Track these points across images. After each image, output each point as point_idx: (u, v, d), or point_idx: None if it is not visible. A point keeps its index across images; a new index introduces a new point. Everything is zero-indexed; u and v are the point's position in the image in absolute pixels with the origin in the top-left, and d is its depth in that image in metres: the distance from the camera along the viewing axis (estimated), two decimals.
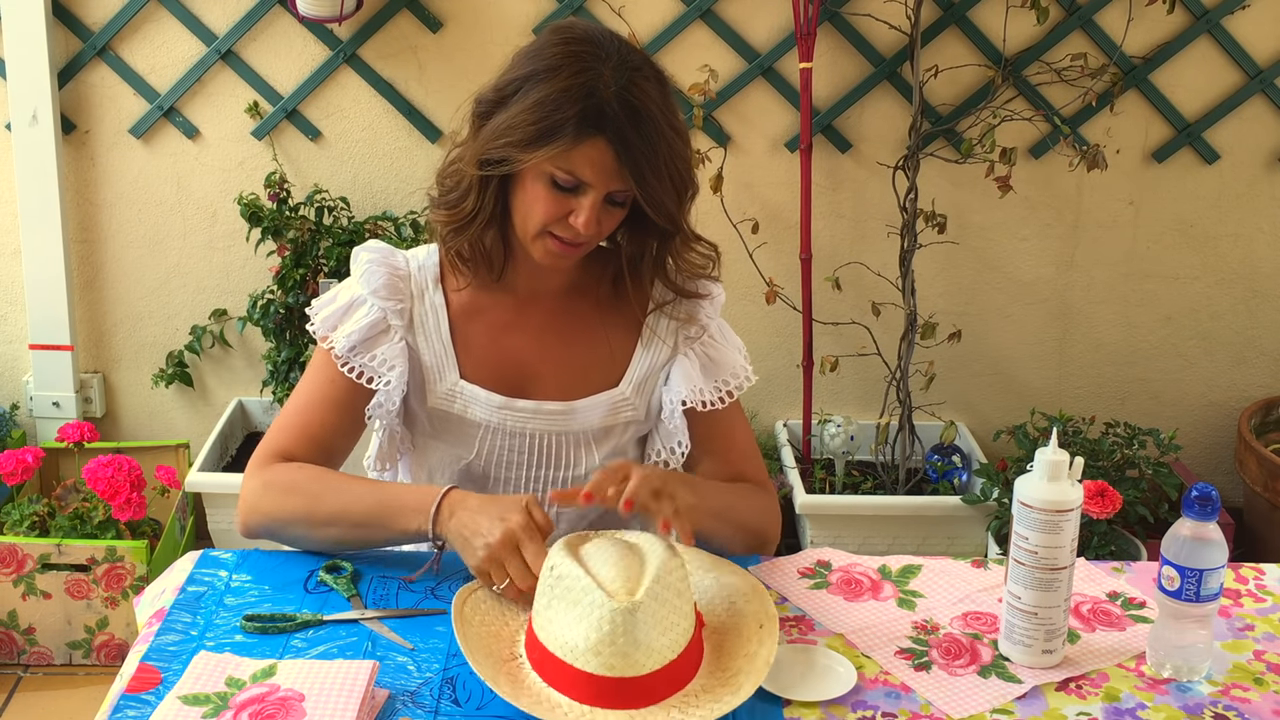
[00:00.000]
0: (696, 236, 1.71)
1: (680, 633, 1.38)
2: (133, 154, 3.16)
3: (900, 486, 3.11)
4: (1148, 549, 2.86)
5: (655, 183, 1.57)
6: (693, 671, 1.39)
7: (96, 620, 2.81)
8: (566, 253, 1.63)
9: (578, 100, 1.53)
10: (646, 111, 1.55)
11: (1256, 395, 3.32)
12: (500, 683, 1.36)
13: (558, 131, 1.53)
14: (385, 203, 3.17)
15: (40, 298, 3.18)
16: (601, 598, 1.34)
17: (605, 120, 1.53)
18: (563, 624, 1.37)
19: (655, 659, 1.35)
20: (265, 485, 1.64)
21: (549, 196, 1.58)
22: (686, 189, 1.63)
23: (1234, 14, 3.03)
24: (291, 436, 1.68)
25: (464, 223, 1.65)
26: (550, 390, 1.73)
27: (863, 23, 3.05)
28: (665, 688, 1.36)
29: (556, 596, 1.38)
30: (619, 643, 1.33)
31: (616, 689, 1.34)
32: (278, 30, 3.08)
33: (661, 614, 1.36)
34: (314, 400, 1.70)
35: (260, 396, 3.28)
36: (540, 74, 1.55)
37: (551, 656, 1.37)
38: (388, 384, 1.67)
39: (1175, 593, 1.42)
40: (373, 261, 1.71)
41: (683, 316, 1.76)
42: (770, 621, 1.45)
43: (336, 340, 1.68)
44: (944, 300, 3.23)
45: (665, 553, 1.41)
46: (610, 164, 1.55)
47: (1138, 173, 3.16)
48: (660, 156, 1.56)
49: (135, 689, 1.39)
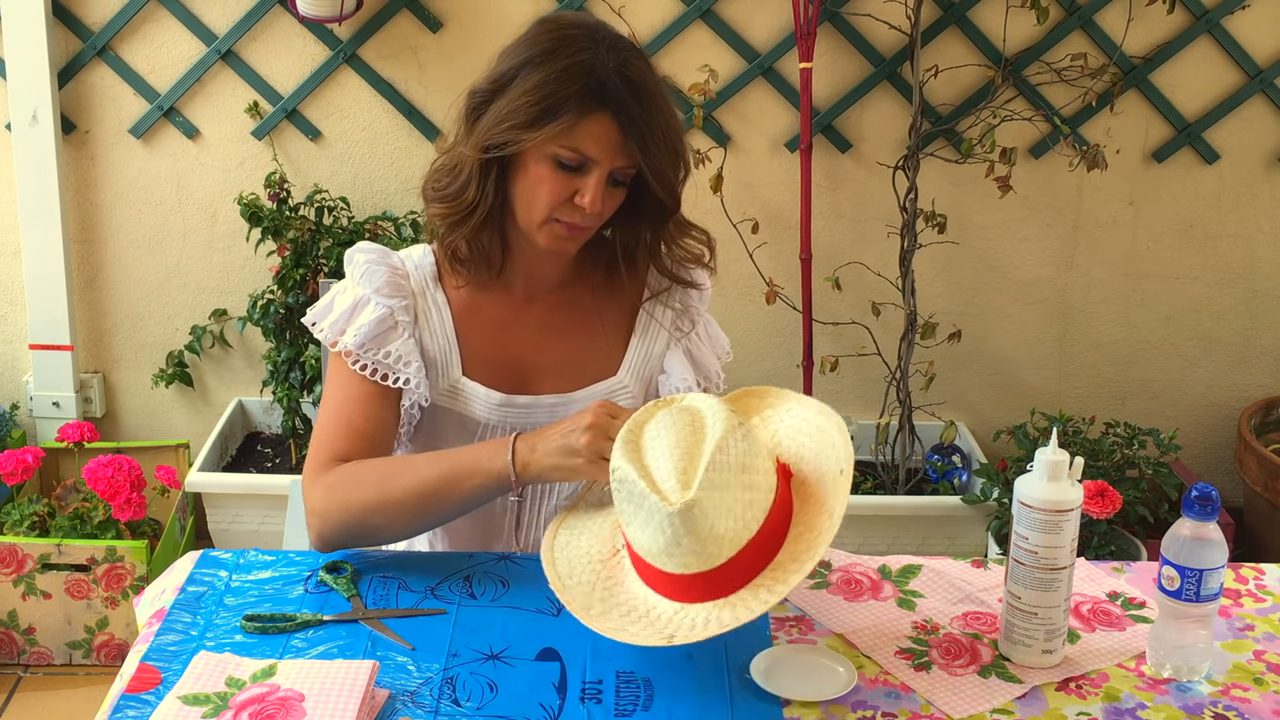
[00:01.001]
0: (690, 223, 1.73)
1: (755, 509, 1.36)
2: (133, 154, 3.16)
3: (900, 486, 3.11)
4: (1148, 549, 2.86)
5: (658, 154, 1.60)
6: (781, 536, 1.39)
7: (96, 620, 2.81)
8: (572, 235, 1.64)
9: (579, 77, 1.55)
10: (645, 85, 1.58)
11: (1256, 395, 3.31)
12: (592, 606, 1.40)
13: (561, 109, 1.55)
14: (385, 203, 3.17)
15: (40, 297, 3.18)
16: (656, 502, 1.34)
17: (608, 94, 1.56)
18: (635, 526, 1.39)
19: (730, 546, 1.35)
20: (329, 489, 1.60)
21: (554, 178, 1.59)
22: (683, 161, 1.66)
23: (1234, 14, 3.03)
24: (338, 438, 1.65)
25: (464, 214, 1.65)
26: (550, 384, 1.74)
27: (863, 23, 3.05)
28: (752, 565, 1.36)
29: (623, 498, 1.39)
30: (684, 543, 1.34)
31: (703, 582, 1.35)
32: (278, 30, 3.08)
33: (724, 500, 1.35)
34: (349, 398, 1.67)
35: (260, 396, 3.28)
36: (537, 58, 1.58)
37: (638, 558, 1.40)
38: (407, 381, 1.67)
39: (1175, 593, 1.42)
40: (371, 262, 1.71)
41: (678, 306, 1.78)
42: (848, 464, 1.42)
43: (346, 340, 1.67)
44: (944, 300, 3.23)
45: (724, 423, 1.39)
46: (615, 138, 1.57)
47: (1138, 173, 3.16)
48: (660, 128, 1.59)
49: (135, 689, 1.39)
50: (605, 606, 1.41)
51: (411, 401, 1.69)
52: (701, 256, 1.76)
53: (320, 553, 1.62)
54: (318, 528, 1.60)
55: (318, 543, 1.61)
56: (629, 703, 1.37)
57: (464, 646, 1.46)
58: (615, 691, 1.39)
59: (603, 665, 1.43)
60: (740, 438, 1.38)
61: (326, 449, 1.64)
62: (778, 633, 1.51)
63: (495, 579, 1.60)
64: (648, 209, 1.67)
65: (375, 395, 1.67)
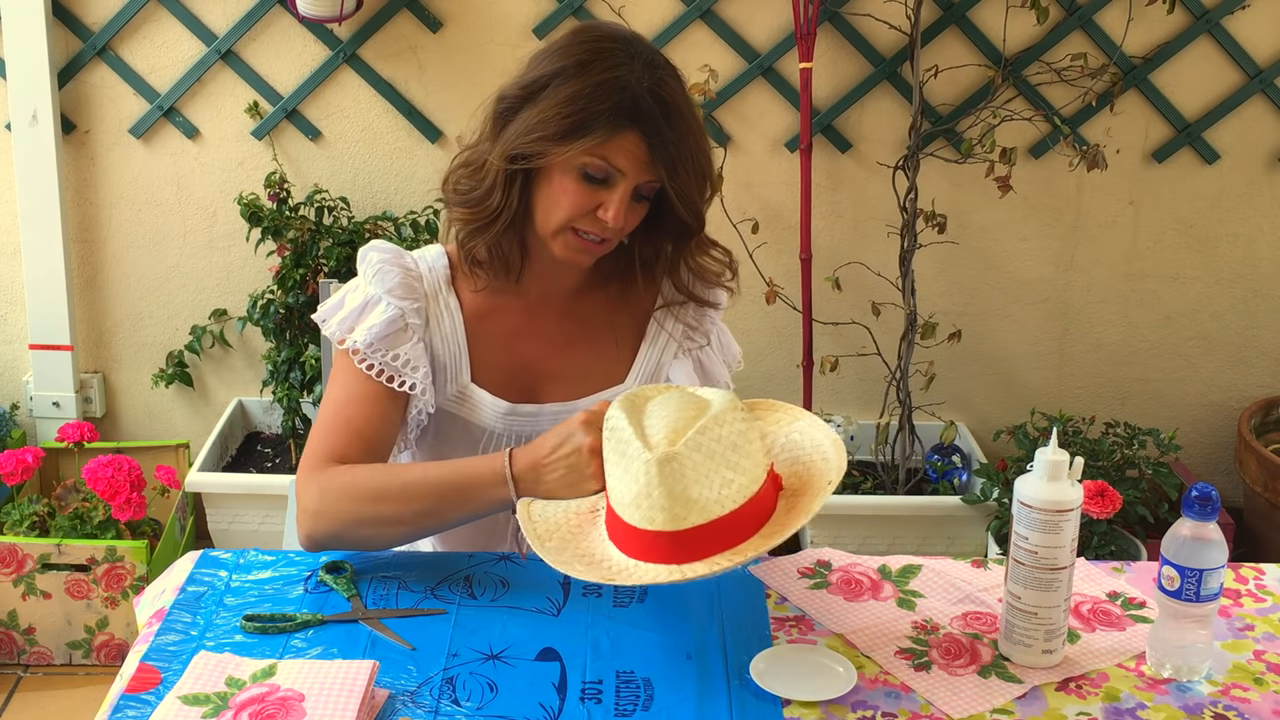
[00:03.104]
0: (712, 241, 1.72)
1: (733, 489, 1.36)
2: (133, 154, 3.16)
3: (900, 486, 3.11)
4: (1148, 549, 2.86)
5: (685, 176, 1.59)
6: (752, 530, 1.38)
7: (96, 620, 2.81)
8: (588, 249, 1.63)
9: (612, 94, 1.55)
10: (677, 107, 1.58)
11: (1256, 395, 3.32)
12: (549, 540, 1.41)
13: (592, 124, 1.55)
14: (385, 203, 3.17)
15: (40, 298, 3.18)
16: (638, 448, 1.34)
17: (640, 114, 1.55)
18: (615, 477, 1.39)
19: (698, 513, 1.34)
20: (322, 491, 1.58)
21: (578, 189, 1.59)
22: (710, 183, 1.65)
23: (1234, 14, 3.03)
24: (336, 436, 1.63)
25: (487, 221, 1.64)
26: (558, 392, 1.73)
27: (863, 23, 3.05)
28: (715, 542, 1.35)
29: (611, 447, 1.39)
30: (654, 495, 1.33)
31: (664, 543, 1.35)
32: (278, 30, 3.08)
33: (706, 467, 1.34)
34: (351, 397, 1.65)
35: (260, 396, 3.28)
36: (570, 69, 1.57)
37: (610, 511, 1.40)
38: (413, 386, 1.66)
39: (1175, 593, 1.42)
40: (385, 262, 1.69)
41: (691, 321, 1.77)
42: (837, 476, 1.42)
43: (356, 338, 1.66)
44: (944, 300, 3.23)
45: (727, 406, 1.38)
46: (644, 156, 1.57)
47: (1138, 173, 3.16)
48: (689, 150, 1.59)
49: (135, 689, 1.39)
50: (561, 545, 1.42)
51: (418, 409, 1.68)
52: (721, 275, 1.75)
53: (308, 551, 1.62)
54: (307, 528, 1.59)
55: (306, 542, 1.60)
56: (629, 703, 1.37)
57: (464, 646, 1.46)
58: (615, 691, 1.39)
59: (603, 665, 1.43)
60: (740, 420, 1.38)
61: (323, 446, 1.63)
62: (778, 633, 1.51)
63: (495, 579, 1.60)
64: (669, 225, 1.67)
65: (378, 396, 1.66)
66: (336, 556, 1.63)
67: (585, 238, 1.62)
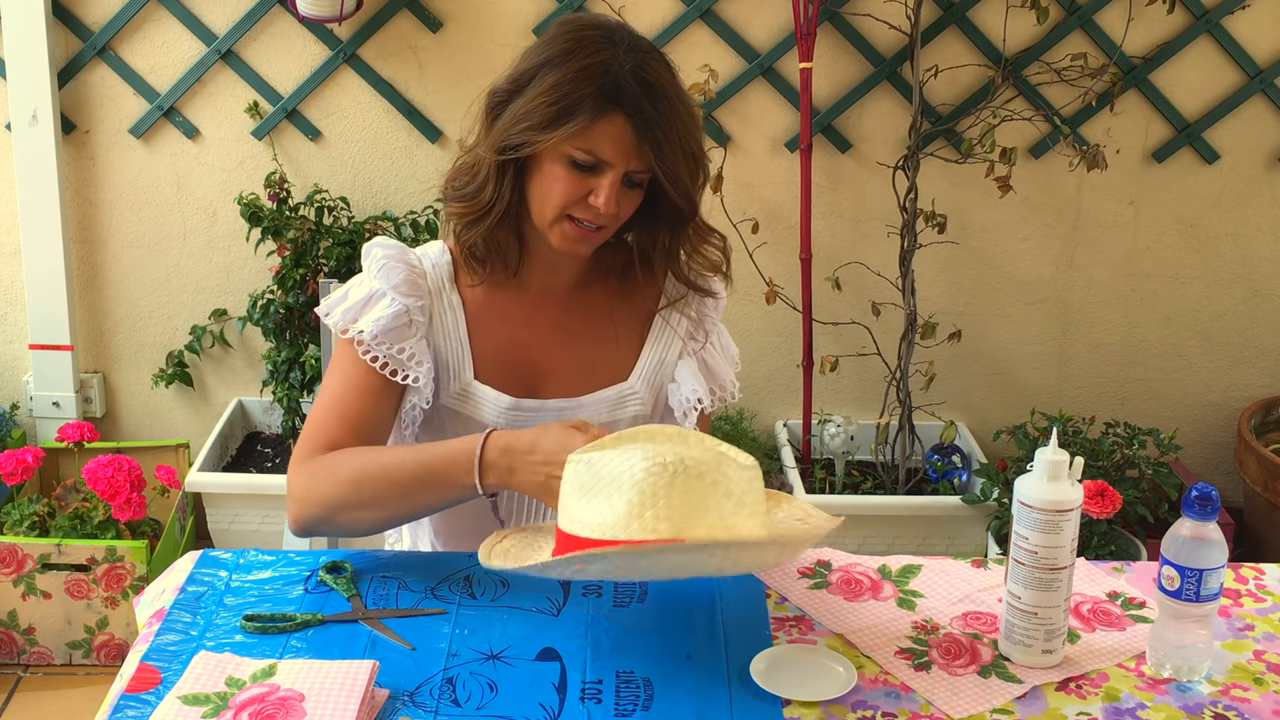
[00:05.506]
0: (709, 228, 1.72)
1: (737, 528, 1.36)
2: (133, 154, 3.16)
3: (900, 486, 3.11)
4: (1148, 549, 2.86)
5: (673, 157, 1.59)
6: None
7: (96, 620, 2.81)
8: (585, 237, 1.64)
9: (594, 79, 1.55)
10: (662, 89, 1.58)
11: (1256, 395, 3.32)
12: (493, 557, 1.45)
13: (576, 110, 1.55)
14: (385, 202, 3.17)
15: (40, 298, 3.18)
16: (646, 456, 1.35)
17: (623, 96, 1.55)
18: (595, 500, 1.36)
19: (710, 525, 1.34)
20: (310, 476, 1.60)
21: (568, 177, 1.59)
22: (701, 167, 1.65)
23: (1234, 14, 3.03)
24: (331, 425, 1.64)
25: (481, 213, 1.65)
26: (560, 387, 1.73)
27: (863, 23, 3.05)
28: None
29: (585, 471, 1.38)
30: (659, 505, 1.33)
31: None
32: (278, 30, 3.08)
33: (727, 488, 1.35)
34: (348, 389, 1.66)
35: (260, 396, 3.28)
36: (555, 59, 1.58)
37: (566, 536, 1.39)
38: (416, 380, 1.66)
39: (1175, 593, 1.42)
40: (389, 258, 1.70)
41: (694, 315, 1.77)
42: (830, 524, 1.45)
43: (360, 328, 1.65)
44: (944, 300, 3.23)
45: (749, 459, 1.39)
46: (629, 140, 1.57)
47: (1138, 173, 3.16)
48: (676, 132, 1.59)
49: (135, 689, 1.39)
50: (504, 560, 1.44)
51: (413, 404, 1.69)
52: (719, 264, 1.75)
53: (298, 536, 1.63)
54: (295, 513, 1.61)
55: (294, 527, 1.62)
56: (629, 703, 1.37)
57: (464, 646, 1.46)
58: (615, 691, 1.39)
59: (603, 665, 1.43)
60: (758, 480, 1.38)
61: (317, 435, 1.64)
62: (778, 633, 1.51)
63: (495, 579, 1.60)
64: (665, 213, 1.67)
65: (377, 388, 1.66)
66: (336, 556, 1.63)
67: (581, 225, 1.62)
